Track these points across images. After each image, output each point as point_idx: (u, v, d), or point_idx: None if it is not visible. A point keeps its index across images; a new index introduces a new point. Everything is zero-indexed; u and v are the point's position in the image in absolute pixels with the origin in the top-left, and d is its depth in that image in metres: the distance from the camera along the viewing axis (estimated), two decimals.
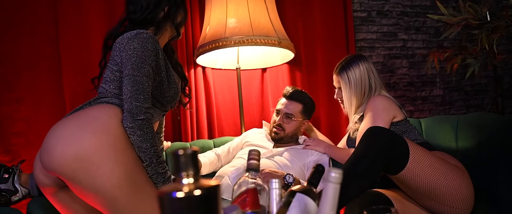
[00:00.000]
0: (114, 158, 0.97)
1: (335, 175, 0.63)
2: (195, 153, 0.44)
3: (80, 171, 0.95)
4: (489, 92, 2.82)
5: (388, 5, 2.63)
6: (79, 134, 0.96)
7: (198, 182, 0.44)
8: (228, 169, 1.61)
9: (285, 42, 1.90)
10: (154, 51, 1.10)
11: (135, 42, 1.07)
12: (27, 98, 1.85)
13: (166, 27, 1.27)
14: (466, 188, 1.25)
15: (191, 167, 0.44)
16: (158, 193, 0.44)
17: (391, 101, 1.51)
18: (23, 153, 1.80)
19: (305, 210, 0.70)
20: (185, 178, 0.44)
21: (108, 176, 0.95)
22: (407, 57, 2.65)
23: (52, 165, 0.98)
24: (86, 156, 0.95)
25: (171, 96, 1.21)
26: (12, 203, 1.26)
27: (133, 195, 0.99)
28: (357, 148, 1.26)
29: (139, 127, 1.02)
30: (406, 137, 1.49)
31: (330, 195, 0.62)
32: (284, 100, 1.76)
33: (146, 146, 1.03)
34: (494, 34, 1.62)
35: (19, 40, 1.85)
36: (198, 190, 0.42)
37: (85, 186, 0.97)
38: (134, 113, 1.02)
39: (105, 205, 0.98)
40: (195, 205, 0.42)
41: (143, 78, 1.05)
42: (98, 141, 0.97)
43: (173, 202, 0.42)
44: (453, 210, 1.25)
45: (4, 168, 1.26)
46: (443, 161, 1.30)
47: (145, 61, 1.06)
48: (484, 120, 1.57)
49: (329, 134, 2.22)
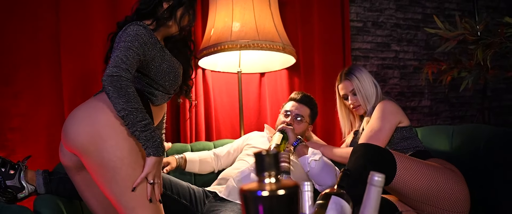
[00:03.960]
0: (120, 132, 1.07)
1: (378, 179, 0.66)
2: (277, 154, 0.46)
3: (90, 144, 1.05)
4: (473, 105, 2.96)
5: (383, 16, 2.72)
6: (91, 114, 1.08)
7: (280, 182, 0.46)
8: (233, 171, 1.62)
9: (289, 48, 1.94)
10: (144, 38, 1.16)
11: (129, 29, 1.16)
12: (25, 94, 1.80)
13: (167, 23, 1.30)
14: (459, 191, 1.31)
15: (273, 168, 0.46)
16: (242, 191, 0.45)
17: (398, 107, 1.58)
18: (18, 149, 1.75)
19: (342, 212, 0.73)
20: (267, 178, 0.46)
21: (114, 149, 1.05)
22: (399, 68, 2.75)
23: (68, 141, 1.09)
24: (96, 131, 1.05)
25: (171, 80, 1.28)
26: (18, 200, 1.22)
27: (133, 169, 1.07)
28: (349, 162, 1.31)
29: (110, 82, 1.05)
30: (409, 143, 1.57)
31: (373, 198, 0.65)
32: (294, 103, 1.79)
33: (120, 101, 1.04)
34: (489, 50, 1.71)
35: (19, 33, 1.80)
36: (282, 190, 0.44)
37: (93, 158, 1.06)
38: (109, 72, 1.07)
39: (106, 178, 1.06)
40: (278, 204, 0.44)
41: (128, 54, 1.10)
42: (107, 118, 1.07)
43: (258, 200, 0.44)
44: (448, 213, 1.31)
45: (10, 164, 1.23)
46: (432, 166, 1.35)
47: (132, 45, 1.13)
48: (478, 130, 1.65)
49: (325, 139, 2.27)
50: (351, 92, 1.71)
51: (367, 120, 1.66)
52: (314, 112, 1.82)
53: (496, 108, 2.93)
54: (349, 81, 1.69)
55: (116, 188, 1.06)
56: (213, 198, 1.53)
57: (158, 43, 1.23)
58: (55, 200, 1.25)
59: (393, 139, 1.59)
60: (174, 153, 1.79)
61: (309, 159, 1.55)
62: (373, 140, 1.55)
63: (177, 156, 1.71)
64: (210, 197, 1.54)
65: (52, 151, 1.81)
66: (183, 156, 1.73)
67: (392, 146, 1.58)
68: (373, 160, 1.25)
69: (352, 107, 1.72)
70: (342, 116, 1.85)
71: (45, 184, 1.25)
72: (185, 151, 1.84)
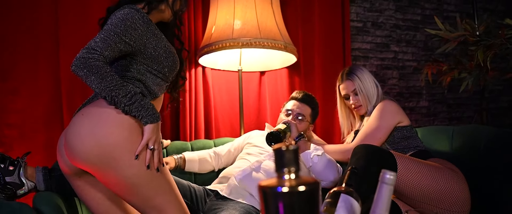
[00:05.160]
0: (132, 150, 1.03)
1: (389, 177, 0.65)
2: (297, 150, 0.45)
3: (102, 165, 1.02)
4: (470, 106, 2.98)
5: (383, 17, 2.72)
6: (97, 132, 1.01)
7: (300, 178, 0.45)
8: (234, 170, 1.61)
9: (290, 47, 1.93)
10: (132, 21, 1.10)
11: (119, 12, 1.11)
12: (23, 89, 1.78)
13: (160, 6, 1.26)
14: (460, 191, 1.32)
15: (293, 164, 0.45)
16: (261, 187, 0.45)
17: (399, 107, 1.58)
18: (16, 145, 1.73)
19: (351, 210, 0.72)
20: (286, 174, 0.45)
21: (128, 167, 1.02)
22: (398, 68, 2.75)
23: (77, 160, 1.04)
24: (107, 152, 1.01)
25: (169, 65, 1.22)
26: (18, 197, 1.20)
27: (150, 179, 1.06)
28: (350, 163, 1.31)
29: (77, 65, 1.00)
30: (410, 143, 1.57)
31: (385, 196, 0.65)
32: (296, 102, 1.79)
33: (94, 83, 1.00)
34: (489, 51, 1.72)
35: (17, 28, 1.78)
36: (302, 186, 0.43)
37: (108, 177, 1.05)
38: (78, 55, 1.01)
39: (125, 192, 1.06)
40: (299, 201, 0.43)
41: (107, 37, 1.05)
42: (116, 138, 1.02)
43: (278, 196, 0.43)
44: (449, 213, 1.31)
45: (9, 160, 1.21)
46: (433, 166, 1.36)
47: (117, 28, 1.07)
48: (478, 131, 1.66)
49: (324, 138, 2.26)
50: (352, 92, 1.71)
51: (367, 120, 1.67)
52: (315, 111, 1.82)
53: (492, 109, 2.95)
54: (351, 81, 1.69)
55: (137, 200, 1.08)
56: (214, 197, 1.52)
57: (151, 25, 1.17)
58: (55, 197, 1.23)
59: (394, 138, 1.59)
60: (174, 151, 1.77)
61: (311, 154, 1.55)
62: (369, 138, 1.56)
63: (176, 156, 1.70)
64: (211, 196, 1.53)
65: (49, 148, 1.79)
66: (182, 156, 1.72)
67: (393, 145, 1.58)
68: (374, 160, 1.25)
69: (354, 107, 1.72)
70: (342, 116, 1.85)
71: (45, 180, 1.23)
72: (185, 149, 1.82)
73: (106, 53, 1.04)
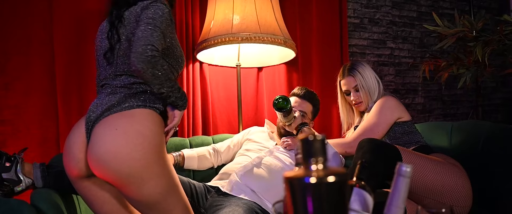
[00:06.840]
0: (160, 173, 1.07)
1: (406, 170, 0.64)
2: (324, 139, 0.44)
3: (130, 183, 1.04)
4: (464, 103, 3.00)
5: (379, 13, 2.72)
6: (135, 156, 1.02)
7: (328, 169, 0.43)
8: (235, 166, 1.60)
9: (290, 42, 1.92)
10: (168, 18, 1.11)
11: (155, 6, 1.09)
12: (16, 84, 1.73)
13: None
14: (463, 186, 1.32)
15: (321, 154, 0.43)
16: (288, 178, 0.43)
17: (399, 102, 1.58)
18: (9, 141, 1.69)
19: (365, 203, 0.71)
20: (313, 164, 0.43)
21: (154, 188, 1.06)
22: (394, 65, 2.76)
23: (103, 174, 1.05)
24: (137, 173, 1.03)
25: (180, 56, 1.23)
26: (15, 194, 1.17)
27: (171, 197, 1.11)
28: (355, 157, 1.32)
29: (143, 61, 1.00)
30: (411, 138, 1.57)
31: (402, 189, 0.64)
32: (297, 98, 1.77)
33: (156, 82, 1.03)
34: (487, 47, 1.73)
35: (9, 20, 1.73)
36: (332, 177, 0.42)
37: (132, 194, 1.06)
38: (140, 51, 1.01)
39: (147, 207, 1.09)
40: (328, 191, 0.42)
41: (155, 33, 1.04)
42: (147, 161, 1.04)
43: (306, 187, 0.42)
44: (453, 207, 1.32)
45: (5, 156, 1.17)
46: (436, 161, 1.36)
47: (161, 24, 1.07)
48: (477, 127, 1.67)
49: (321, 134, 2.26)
50: (353, 88, 1.70)
51: (367, 115, 1.67)
52: (316, 108, 1.80)
53: (485, 105, 2.98)
54: (353, 77, 1.68)
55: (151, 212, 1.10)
56: (216, 193, 1.50)
57: (173, 23, 1.17)
58: (53, 194, 1.20)
59: (395, 133, 1.59)
60: (173, 147, 1.75)
61: None
62: (368, 133, 1.56)
63: (174, 154, 1.67)
64: (212, 192, 1.51)
65: (44, 144, 1.75)
66: (180, 153, 1.69)
67: (395, 141, 1.58)
68: (379, 155, 1.25)
69: (354, 103, 1.72)
70: (343, 111, 1.84)
71: (43, 177, 1.20)
72: (183, 145, 1.80)
73: (160, 49, 1.05)
